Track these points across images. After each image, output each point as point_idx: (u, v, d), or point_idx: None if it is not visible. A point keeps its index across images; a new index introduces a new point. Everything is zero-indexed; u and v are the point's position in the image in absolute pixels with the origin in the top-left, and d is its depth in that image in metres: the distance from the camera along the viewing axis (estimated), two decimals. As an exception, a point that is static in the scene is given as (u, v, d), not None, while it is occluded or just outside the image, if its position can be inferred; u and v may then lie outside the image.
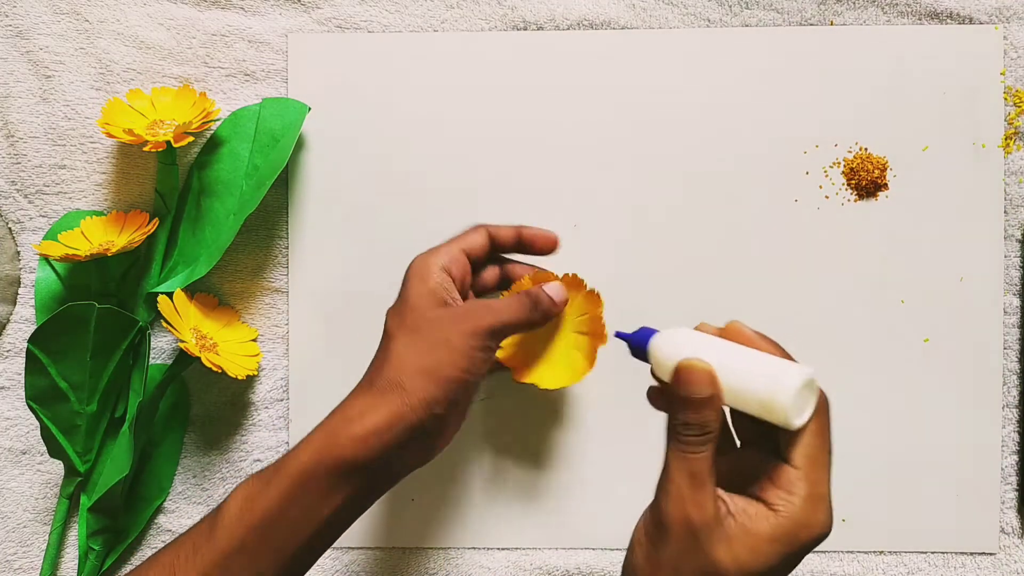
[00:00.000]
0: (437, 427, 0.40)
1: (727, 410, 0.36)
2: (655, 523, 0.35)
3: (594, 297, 0.47)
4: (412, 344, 0.40)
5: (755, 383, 0.34)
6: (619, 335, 0.40)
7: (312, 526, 0.39)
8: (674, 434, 0.35)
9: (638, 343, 0.39)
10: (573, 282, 0.46)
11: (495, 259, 0.48)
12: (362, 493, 0.40)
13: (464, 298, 0.45)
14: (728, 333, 0.37)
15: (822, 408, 0.35)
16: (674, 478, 0.35)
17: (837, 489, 0.52)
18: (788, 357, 0.36)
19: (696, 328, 0.37)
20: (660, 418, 0.53)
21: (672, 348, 0.36)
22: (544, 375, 0.47)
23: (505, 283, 0.48)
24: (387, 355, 0.41)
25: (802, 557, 0.35)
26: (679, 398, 0.35)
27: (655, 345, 0.37)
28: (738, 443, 0.39)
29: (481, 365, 0.41)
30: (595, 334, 0.47)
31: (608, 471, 0.53)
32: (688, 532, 0.34)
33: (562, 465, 0.53)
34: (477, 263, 0.46)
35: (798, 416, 0.34)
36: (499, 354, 0.47)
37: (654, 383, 0.40)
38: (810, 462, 0.34)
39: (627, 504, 0.53)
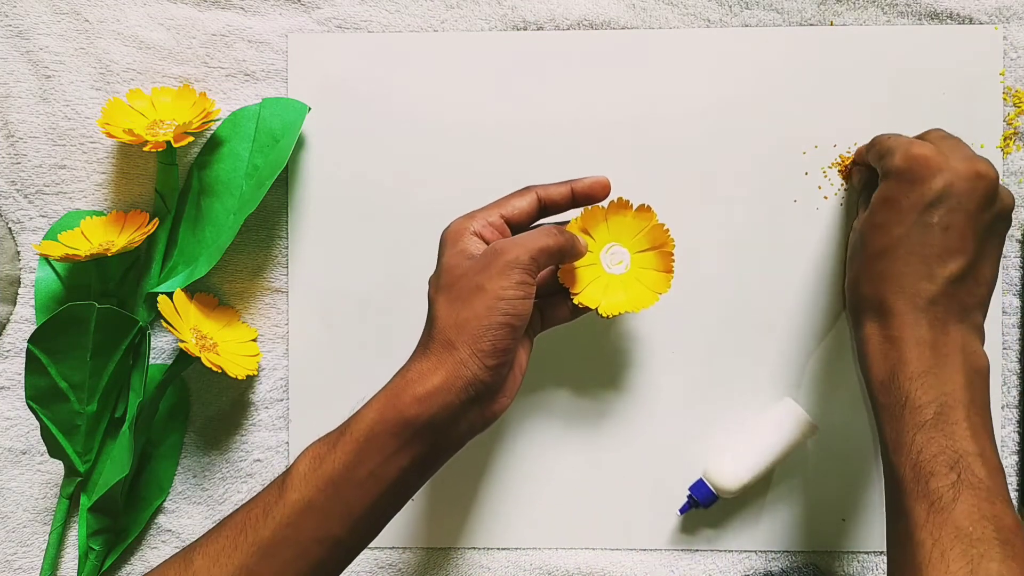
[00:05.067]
0: (494, 380, 0.40)
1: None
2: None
3: (644, 210, 0.46)
4: (450, 302, 0.40)
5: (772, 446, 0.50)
6: (687, 504, 0.51)
7: (380, 486, 0.39)
8: None
9: (705, 497, 0.50)
10: (620, 205, 0.46)
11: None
12: (428, 454, 0.40)
13: None
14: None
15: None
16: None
17: (837, 489, 0.52)
18: None
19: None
20: (661, 419, 0.53)
21: (730, 474, 0.50)
22: (607, 300, 0.46)
23: None
24: (432, 318, 0.41)
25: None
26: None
27: (714, 481, 0.50)
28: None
29: (520, 305, 0.40)
30: (659, 244, 0.46)
31: (609, 471, 0.53)
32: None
33: (563, 465, 0.53)
34: (521, 228, 0.45)
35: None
36: (560, 276, 0.46)
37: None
38: None
39: (627, 504, 0.53)
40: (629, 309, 0.46)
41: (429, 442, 0.40)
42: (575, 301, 0.46)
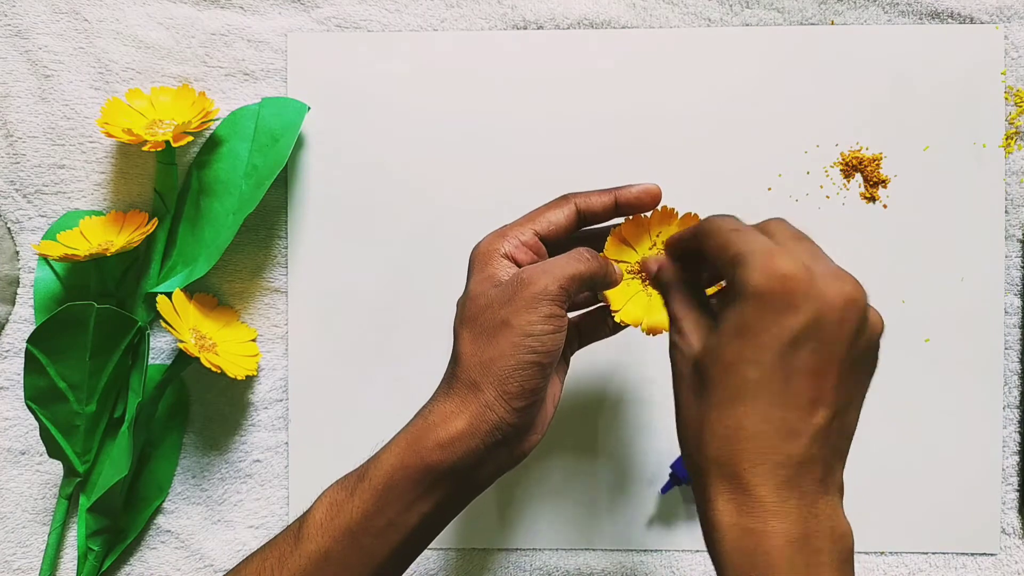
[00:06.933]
0: (522, 421, 0.37)
1: None
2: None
3: (691, 219, 0.41)
4: (474, 338, 0.37)
5: None
6: (669, 483, 0.51)
7: (400, 534, 0.37)
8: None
9: (685, 473, 0.50)
10: (665, 214, 0.41)
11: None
12: (451, 498, 0.38)
13: None
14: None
15: None
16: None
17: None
18: None
19: None
20: (662, 420, 0.53)
21: None
22: (650, 317, 0.41)
23: None
24: (456, 355, 0.38)
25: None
26: None
27: None
28: None
29: (550, 341, 0.37)
30: None
31: (609, 472, 0.53)
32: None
33: (562, 465, 0.53)
34: (559, 242, 0.41)
35: None
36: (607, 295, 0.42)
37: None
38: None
39: (627, 505, 0.53)
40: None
41: (452, 487, 0.37)
42: (616, 319, 0.41)
